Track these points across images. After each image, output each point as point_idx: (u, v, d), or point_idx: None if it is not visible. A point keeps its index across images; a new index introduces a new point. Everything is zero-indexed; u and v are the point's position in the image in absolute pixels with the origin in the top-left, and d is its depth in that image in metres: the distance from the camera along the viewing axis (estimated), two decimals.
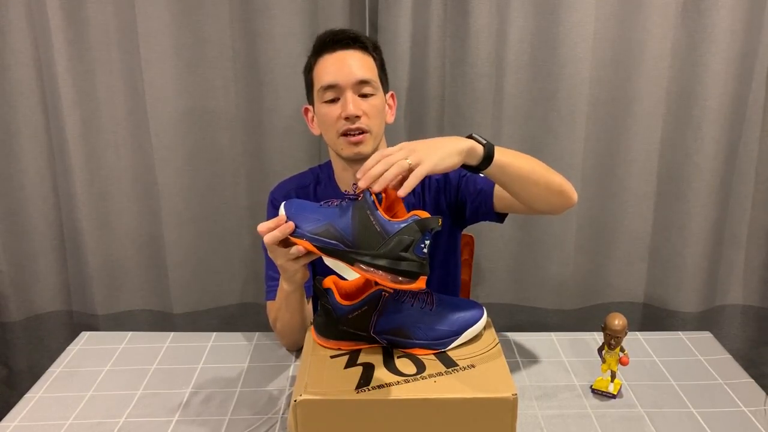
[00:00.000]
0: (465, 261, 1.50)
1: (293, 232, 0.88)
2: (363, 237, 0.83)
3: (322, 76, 1.13)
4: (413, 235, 0.81)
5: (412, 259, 0.81)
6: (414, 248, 0.81)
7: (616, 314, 1.02)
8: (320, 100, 1.14)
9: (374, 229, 0.83)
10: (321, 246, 0.86)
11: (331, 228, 0.85)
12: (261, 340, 1.24)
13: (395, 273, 0.81)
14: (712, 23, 1.48)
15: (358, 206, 0.85)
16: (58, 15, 1.48)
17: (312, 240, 0.87)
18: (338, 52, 1.12)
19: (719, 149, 1.56)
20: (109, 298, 1.70)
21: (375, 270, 0.82)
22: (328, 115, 1.13)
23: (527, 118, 1.59)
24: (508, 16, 1.51)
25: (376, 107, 1.13)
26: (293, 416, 0.81)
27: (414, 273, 0.81)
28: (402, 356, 0.90)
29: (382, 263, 0.81)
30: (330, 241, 0.85)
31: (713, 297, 1.71)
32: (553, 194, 1.04)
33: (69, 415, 1.01)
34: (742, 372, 1.13)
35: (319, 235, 0.86)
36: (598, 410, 1.01)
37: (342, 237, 0.84)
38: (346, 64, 1.11)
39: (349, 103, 1.10)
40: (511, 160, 0.97)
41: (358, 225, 0.84)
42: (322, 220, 0.87)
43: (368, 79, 1.12)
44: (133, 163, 1.62)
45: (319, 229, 0.86)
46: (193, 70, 1.55)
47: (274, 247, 0.90)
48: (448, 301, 0.96)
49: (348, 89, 1.11)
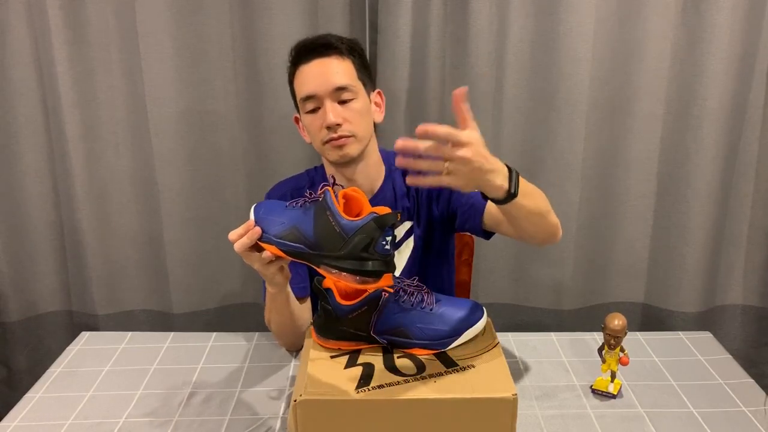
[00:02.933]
0: (465, 261, 1.51)
1: (261, 237, 0.88)
2: (324, 238, 0.82)
3: (301, 87, 1.13)
4: (372, 234, 0.80)
5: (375, 258, 0.80)
6: (375, 246, 0.80)
7: (616, 314, 1.02)
8: (303, 110, 1.15)
9: (334, 230, 0.82)
10: (287, 250, 0.85)
11: (296, 231, 0.85)
12: (261, 340, 1.24)
13: (359, 274, 0.80)
14: (712, 23, 1.48)
15: (318, 207, 0.84)
16: (58, 15, 1.48)
17: (278, 245, 0.86)
18: (314, 61, 1.11)
19: (719, 149, 1.56)
20: (109, 298, 1.70)
21: (338, 272, 0.81)
22: (311, 125, 1.14)
23: (527, 118, 1.59)
24: (508, 16, 1.51)
25: (357, 111, 1.13)
26: (293, 416, 0.81)
27: (378, 272, 0.81)
28: (402, 356, 0.90)
29: (344, 265, 0.80)
30: (295, 245, 0.85)
31: (713, 297, 1.71)
32: (546, 234, 1.06)
33: (69, 415, 1.01)
34: (742, 372, 1.13)
35: (284, 238, 0.86)
36: (598, 410, 1.01)
37: (305, 239, 0.84)
38: (322, 73, 1.11)
39: (329, 113, 1.10)
40: (527, 202, 0.95)
41: (319, 226, 0.83)
42: (287, 223, 0.87)
43: (345, 84, 1.11)
44: (133, 163, 1.62)
45: (285, 232, 0.86)
46: (193, 70, 1.55)
47: (247, 253, 0.91)
48: (448, 301, 0.96)
49: (326, 98, 1.11)
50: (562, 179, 1.60)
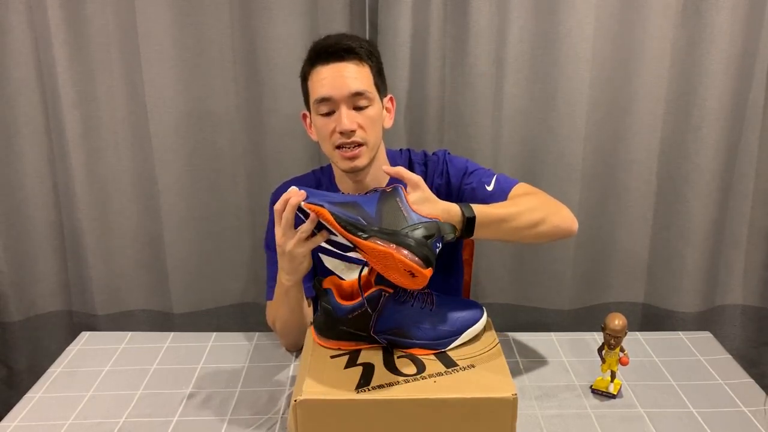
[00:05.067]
0: (465, 261, 1.50)
1: (308, 199, 0.90)
2: (387, 217, 0.85)
3: (317, 88, 1.11)
4: (433, 231, 0.84)
5: (430, 248, 0.83)
6: (433, 241, 0.84)
7: (616, 314, 1.02)
8: (316, 112, 1.13)
9: (401, 214, 0.86)
10: (339, 216, 0.86)
11: (355, 205, 0.87)
12: (261, 340, 1.24)
13: (416, 253, 0.82)
14: (712, 23, 1.48)
15: (385, 194, 0.89)
16: (58, 15, 1.48)
17: (332, 209, 0.87)
18: (332, 65, 1.09)
19: (719, 149, 1.56)
20: (109, 298, 1.70)
21: (389, 244, 0.82)
22: (323, 128, 1.12)
23: (527, 118, 1.59)
24: (508, 16, 1.51)
25: (371, 118, 1.12)
26: (293, 416, 0.81)
27: (429, 260, 0.83)
28: (402, 356, 0.90)
29: (407, 240, 0.82)
30: (349, 214, 0.86)
31: (713, 297, 1.71)
32: (547, 239, 1.08)
33: (69, 415, 1.01)
34: (742, 372, 1.13)
35: (341, 206, 0.87)
36: (598, 410, 1.01)
37: (366, 215, 0.86)
38: (340, 77, 1.09)
39: (344, 118, 1.08)
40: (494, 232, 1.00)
41: (383, 208, 0.86)
42: (347, 199, 0.89)
43: (363, 90, 1.09)
44: (133, 163, 1.62)
45: (341, 203, 0.88)
46: (193, 70, 1.55)
47: (286, 229, 0.93)
48: (448, 301, 0.96)
49: (342, 103, 1.09)
50: (562, 179, 1.60)
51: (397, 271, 0.84)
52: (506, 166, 1.61)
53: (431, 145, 1.59)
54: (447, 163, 1.21)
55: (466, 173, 1.19)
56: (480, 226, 0.96)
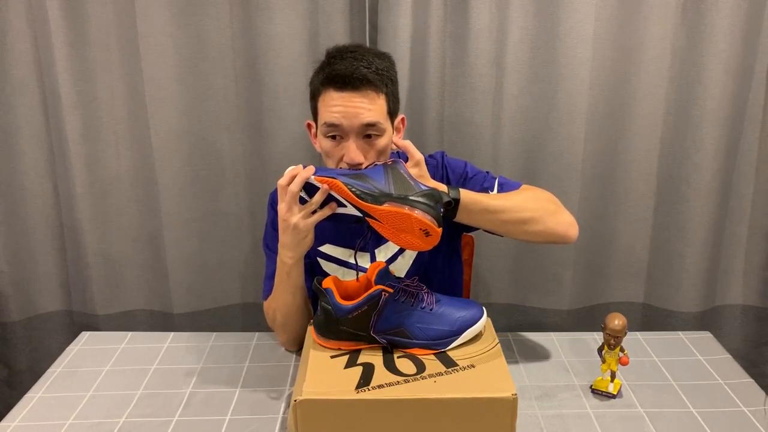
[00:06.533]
0: (465, 261, 1.50)
1: (317, 173, 0.94)
2: (397, 184, 0.92)
3: (327, 113, 1.06)
4: (438, 198, 0.92)
5: (438, 211, 0.90)
6: (438, 206, 0.91)
7: (616, 314, 1.02)
8: (323, 133, 1.09)
9: (408, 182, 0.93)
10: (352, 184, 0.92)
11: (364, 176, 0.93)
12: (261, 340, 1.24)
13: (428, 213, 0.89)
14: (712, 23, 1.48)
15: (389, 166, 0.96)
16: (58, 15, 1.48)
17: (345, 180, 0.93)
18: (346, 93, 1.04)
19: (719, 149, 1.56)
20: (109, 298, 1.70)
21: (402, 205, 0.89)
22: (330, 151, 1.09)
23: (527, 118, 1.59)
24: (508, 16, 1.51)
25: (379, 149, 1.08)
26: (293, 416, 0.81)
27: (440, 220, 0.90)
28: (402, 356, 0.90)
29: (422, 200, 0.90)
30: (363, 184, 0.92)
31: (713, 297, 1.71)
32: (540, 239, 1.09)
33: (69, 415, 1.01)
34: (742, 372, 1.13)
35: (353, 178, 0.93)
36: (598, 410, 1.01)
37: (377, 184, 0.92)
38: (352, 107, 1.04)
39: (352, 152, 1.05)
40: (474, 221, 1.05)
41: (391, 177, 0.93)
42: (354, 171, 0.96)
43: (375, 122, 1.05)
44: (133, 163, 1.62)
45: (351, 174, 0.94)
46: (193, 70, 1.55)
47: (291, 203, 0.96)
48: (448, 301, 0.96)
49: (352, 134, 1.05)
50: (562, 179, 1.61)
51: (411, 232, 0.90)
52: (506, 166, 1.61)
53: (431, 145, 1.59)
54: (446, 167, 1.20)
55: (465, 178, 1.18)
56: (463, 210, 1.01)
